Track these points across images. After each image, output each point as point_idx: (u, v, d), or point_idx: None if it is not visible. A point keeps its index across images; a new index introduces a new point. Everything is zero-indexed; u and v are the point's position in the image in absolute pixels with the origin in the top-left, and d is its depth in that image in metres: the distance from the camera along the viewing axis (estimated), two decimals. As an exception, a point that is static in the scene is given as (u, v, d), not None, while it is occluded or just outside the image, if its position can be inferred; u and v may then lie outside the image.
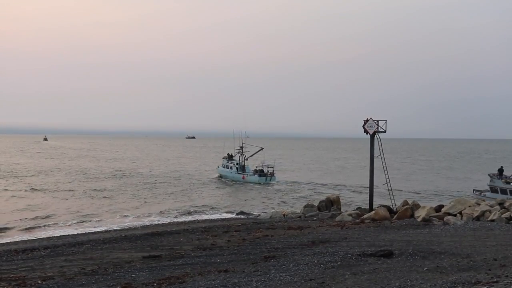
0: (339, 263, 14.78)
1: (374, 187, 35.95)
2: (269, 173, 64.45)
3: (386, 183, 35.27)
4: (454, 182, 69.51)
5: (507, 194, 37.91)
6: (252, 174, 65.21)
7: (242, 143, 67.84)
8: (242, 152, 67.65)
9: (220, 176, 69.71)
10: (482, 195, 41.01)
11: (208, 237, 24.02)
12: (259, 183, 62.39)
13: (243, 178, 65.07)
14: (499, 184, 39.44)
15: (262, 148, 71.09)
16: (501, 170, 41.07)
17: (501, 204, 28.22)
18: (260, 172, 64.64)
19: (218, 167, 74.02)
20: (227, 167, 68.69)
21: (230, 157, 69.52)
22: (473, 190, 43.92)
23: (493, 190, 40.10)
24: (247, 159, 68.49)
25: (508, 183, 38.58)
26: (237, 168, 66.92)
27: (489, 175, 42.53)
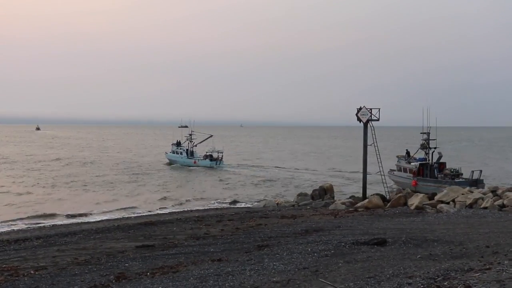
0: (332, 251, 14.79)
1: (367, 175, 36.09)
2: (219, 157, 70.04)
3: (380, 171, 35.43)
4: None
5: (407, 172, 43.59)
6: (202, 159, 70.81)
7: (191, 131, 73.30)
8: (191, 139, 73.01)
9: (170, 162, 74.44)
10: (392, 173, 46.57)
11: (201, 226, 24.01)
12: (211, 167, 68.39)
13: (195, 162, 70.37)
14: (403, 164, 45.03)
15: (211, 135, 76.22)
16: (408, 152, 46.77)
17: (494, 191, 28.36)
18: (210, 157, 70.45)
19: (166, 153, 78.68)
20: (177, 153, 73.88)
21: (178, 144, 74.87)
22: (389, 169, 47.14)
23: (399, 169, 45.45)
24: (196, 146, 73.85)
25: (409, 163, 44.08)
26: (186, 154, 72.19)
27: (397, 156, 47.39)
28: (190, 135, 73.04)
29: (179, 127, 77.89)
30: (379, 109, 35.24)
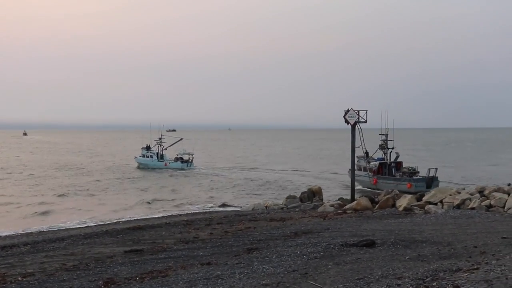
0: (321, 253, 14.81)
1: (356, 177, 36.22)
2: (189, 159, 72.96)
3: (367, 172, 35.59)
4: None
5: (366, 171, 46.97)
6: (173, 161, 73.47)
7: (161, 135, 75.82)
8: (160, 142, 75.44)
9: (139, 166, 75.98)
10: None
11: (190, 230, 23.93)
12: (182, 169, 70.98)
13: (166, 165, 72.91)
14: (362, 163, 47.84)
15: (181, 139, 79.44)
16: (367, 153, 48.81)
17: (481, 192, 28.57)
18: (181, 159, 73.24)
19: (135, 157, 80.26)
20: (148, 157, 75.94)
21: (148, 148, 76.78)
22: (348, 169, 48.12)
23: (359, 168, 47.61)
24: (166, 149, 76.24)
25: (369, 162, 47.21)
26: (157, 157, 74.69)
27: (357, 156, 49.13)
28: (160, 139, 75.16)
29: (167, 131, 78.13)
30: (366, 111, 35.46)
